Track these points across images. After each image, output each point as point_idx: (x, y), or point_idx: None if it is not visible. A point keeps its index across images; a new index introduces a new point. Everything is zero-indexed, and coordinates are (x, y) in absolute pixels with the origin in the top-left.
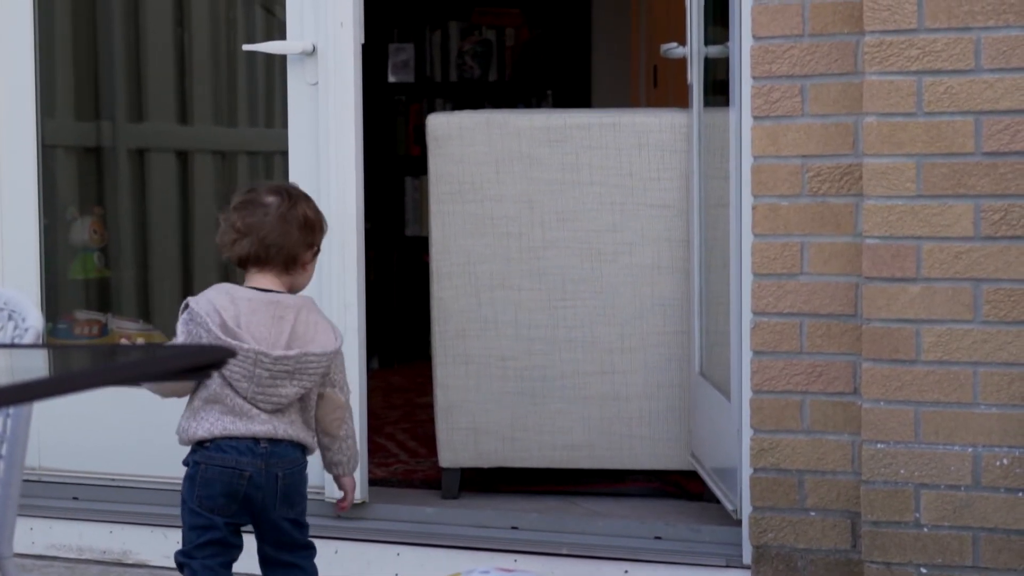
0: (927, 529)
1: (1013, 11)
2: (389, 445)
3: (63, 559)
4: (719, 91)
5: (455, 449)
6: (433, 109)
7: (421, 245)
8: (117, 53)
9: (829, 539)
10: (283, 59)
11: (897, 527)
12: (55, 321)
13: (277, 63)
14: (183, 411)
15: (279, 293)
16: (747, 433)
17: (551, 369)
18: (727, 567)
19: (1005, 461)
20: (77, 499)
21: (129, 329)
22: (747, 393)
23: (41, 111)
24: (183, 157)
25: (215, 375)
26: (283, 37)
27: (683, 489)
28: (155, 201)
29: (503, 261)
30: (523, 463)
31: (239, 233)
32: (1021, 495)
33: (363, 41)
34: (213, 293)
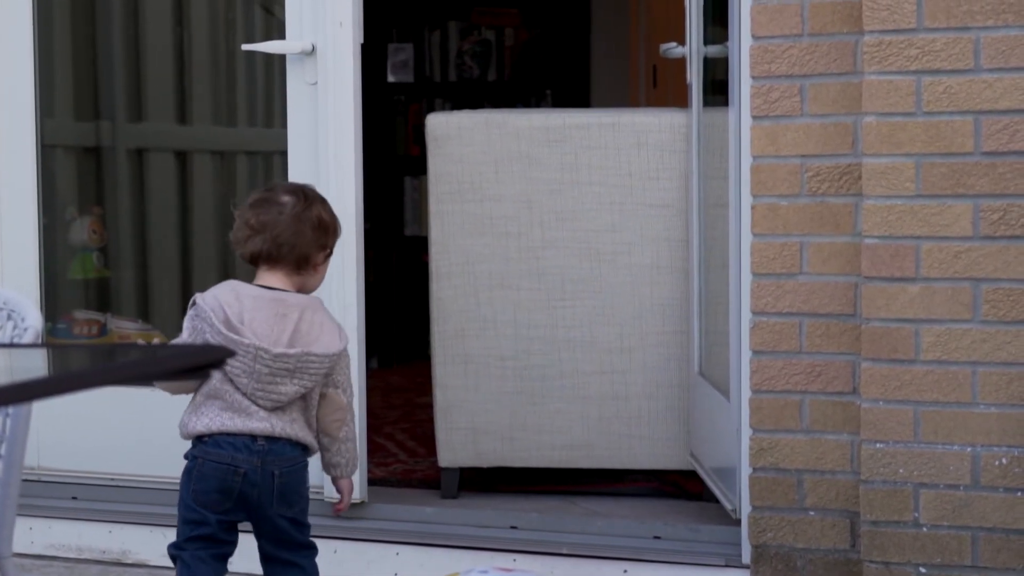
0: (926, 529)
1: (1012, 11)
2: (388, 445)
3: (62, 559)
4: (718, 91)
5: (454, 449)
6: (432, 109)
7: (420, 245)
8: (116, 53)
9: (828, 539)
10: (282, 59)
11: (896, 527)
12: (54, 321)
13: (276, 63)
14: (186, 406)
15: (285, 292)
16: (746, 433)
17: (550, 369)
18: (726, 567)
19: (1004, 461)
20: (76, 499)
21: (128, 329)
22: (746, 393)
23: (40, 111)
24: (182, 157)
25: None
26: (282, 37)
27: (682, 489)
28: (154, 201)
29: (502, 261)
30: (522, 463)
31: (252, 230)
32: (1020, 495)
33: (362, 41)
34: (220, 289)
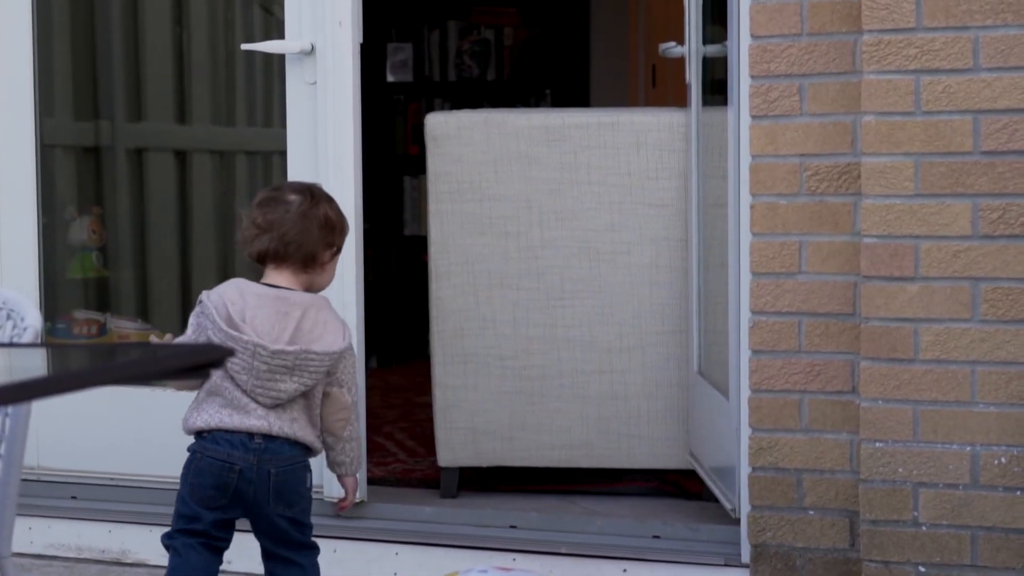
0: (925, 528)
1: (1011, 10)
2: (388, 444)
3: (62, 558)
4: (717, 90)
5: (454, 448)
6: (432, 108)
7: (420, 244)
8: (116, 52)
9: (827, 538)
10: (281, 58)
11: (895, 526)
12: (54, 320)
13: (276, 62)
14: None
15: (290, 290)
16: (745, 432)
17: (550, 368)
18: (726, 566)
19: (1003, 460)
20: (76, 498)
21: (127, 329)
22: (745, 392)
23: (40, 110)
24: (182, 157)
25: None
26: (281, 36)
27: (682, 488)
28: (154, 201)
29: (502, 260)
30: (522, 462)
31: (259, 229)
32: (1019, 494)
33: (361, 40)
34: (226, 287)
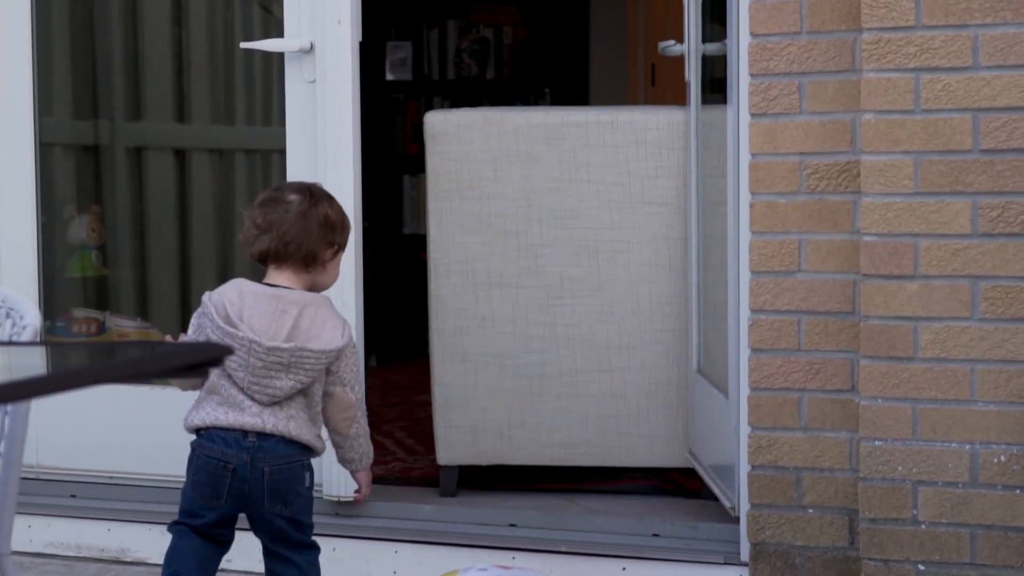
0: (925, 526)
1: (1011, 8)
2: (387, 443)
3: (61, 557)
4: (717, 89)
5: (453, 447)
6: (431, 107)
7: (419, 243)
8: (115, 51)
9: (827, 536)
10: (281, 57)
11: (895, 524)
12: (53, 319)
13: (275, 61)
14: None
15: (288, 289)
16: (745, 430)
17: (549, 367)
18: (725, 564)
19: (1003, 458)
20: (75, 497)
21: (127, 327)
22: (745, 390)
23: (39, 109)
24: (181, 155)
25: None
26: (281, 35)
27: (681, 487)
28: (153, 199)
29: (501, 259)
30: (521, 461)
31: (260, 229)
32: (1018, 492)
33: (361, 39)
34: (226, 287)
